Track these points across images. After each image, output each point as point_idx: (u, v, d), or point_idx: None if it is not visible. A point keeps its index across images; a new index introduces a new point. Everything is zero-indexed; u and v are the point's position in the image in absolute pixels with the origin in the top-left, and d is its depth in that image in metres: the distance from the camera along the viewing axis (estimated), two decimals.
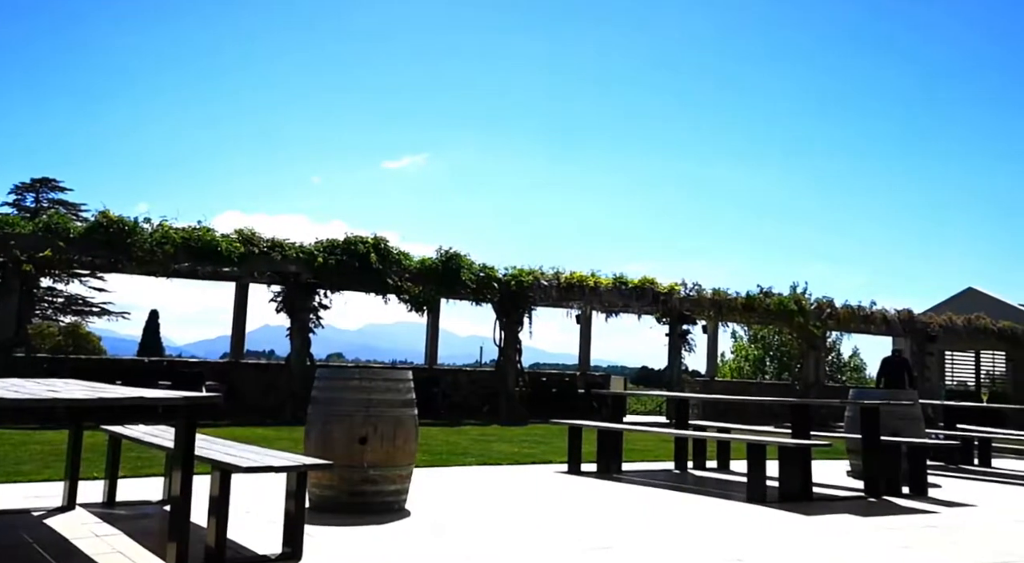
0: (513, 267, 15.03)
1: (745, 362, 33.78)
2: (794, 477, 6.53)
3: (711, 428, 9.28)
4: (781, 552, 4.59)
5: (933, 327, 20.27)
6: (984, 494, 7.52)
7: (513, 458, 8.38)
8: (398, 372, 5.38)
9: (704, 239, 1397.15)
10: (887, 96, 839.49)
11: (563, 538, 4.65)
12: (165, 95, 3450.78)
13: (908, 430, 7.80)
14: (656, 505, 6.04)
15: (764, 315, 18.24)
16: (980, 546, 5.06)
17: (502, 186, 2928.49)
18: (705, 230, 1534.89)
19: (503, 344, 14.98)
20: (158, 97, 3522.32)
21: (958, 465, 9.94)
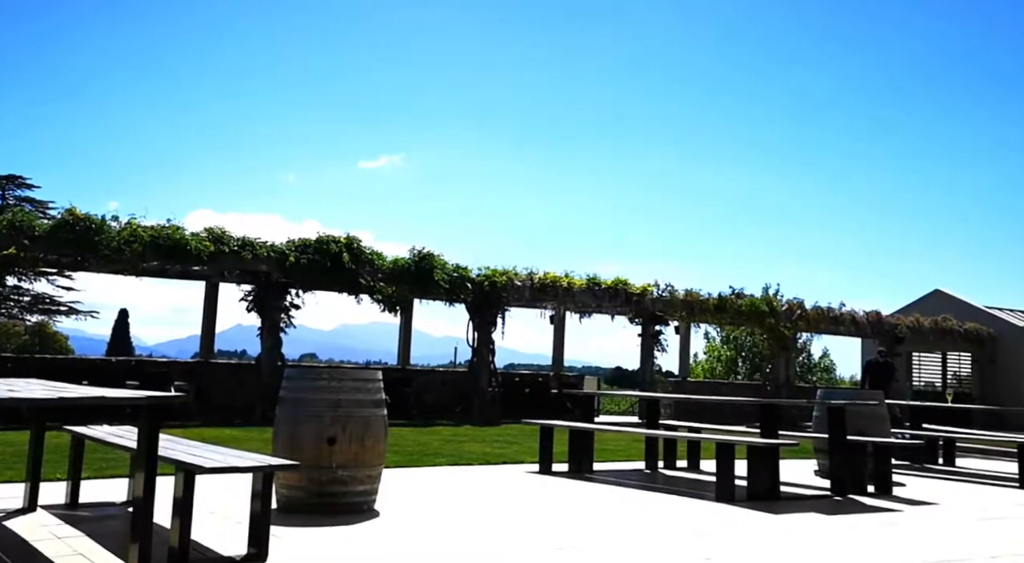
0: (487, 267, 15.03)
1: (717, 362, 34.11)
2: (762, 476, 6.60)
3: (682, 428, 9.34)
4: (748, 551, 4.63)
5: (901, 328, 20.57)
6: (947, 493, 7.65)
7: (484, 458, 8.38)
8: (367, 372, 5.36)
9: (678, 240, 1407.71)
10: (859, 99, 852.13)
11: (532, 538, 4.66)
12: (139, 92, 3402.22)
13: (874, 430, 7.90)
14: (626, 504, 6.07)
15: (736, 316, 18.40)
16: (940, 544, 5.14)
17: (478, 187, 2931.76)
18: (679, 231, 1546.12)
19: (476, 344, 14.97)
20: (131, 94, 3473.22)
21: (923, 464, 10.09)
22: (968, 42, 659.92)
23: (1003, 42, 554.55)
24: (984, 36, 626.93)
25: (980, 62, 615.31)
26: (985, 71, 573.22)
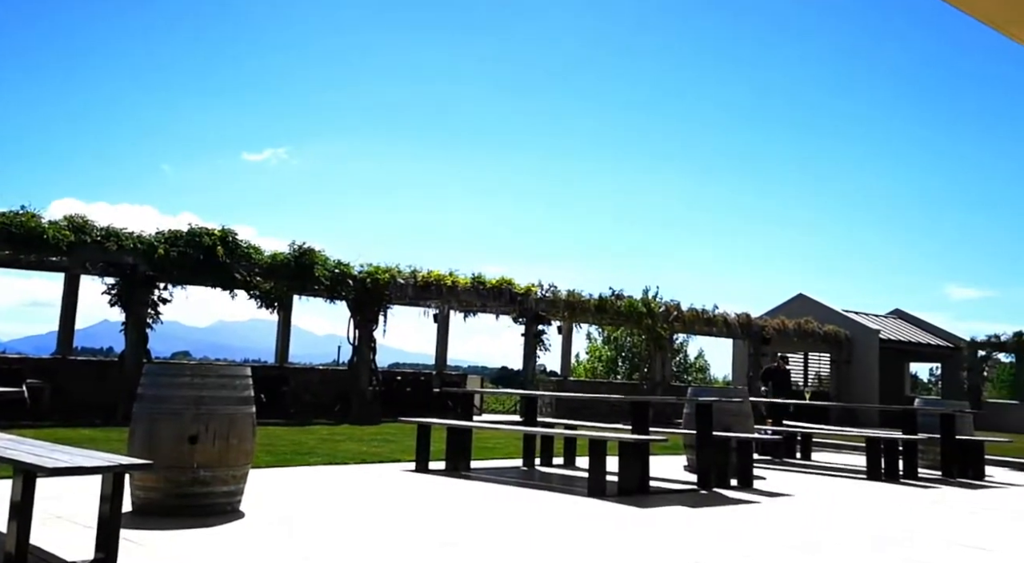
0: (369, 264, 14.80)
1: (599, 362, 34.93)
2: (632, 471, 6.78)
3: (559, 425, 9.49)
4: (613, 542, 4.75)
5: (768, 330, 21.68)
6: (802, 485, 8.11)
7: (361, 457, 8.24)
8: (234, 369, 5.16)
9: (562, 242, 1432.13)
10: (732, 106, 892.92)
11: (407, 536, 4.61)
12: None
13: (738, 426, 8.27)
14: (501, 501, 6.11)
15: (615, 316, 18.88)
16: (791, 532, 5.44)
17: (364, 183, 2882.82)
18: (563, 233, 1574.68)
19: (357, 343, 14.72)
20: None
21: (783, 458, 10.66)
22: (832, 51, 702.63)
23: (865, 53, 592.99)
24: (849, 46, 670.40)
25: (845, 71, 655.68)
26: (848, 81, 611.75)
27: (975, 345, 24.05)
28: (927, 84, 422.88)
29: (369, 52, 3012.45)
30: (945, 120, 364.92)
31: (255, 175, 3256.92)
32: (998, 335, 23.67)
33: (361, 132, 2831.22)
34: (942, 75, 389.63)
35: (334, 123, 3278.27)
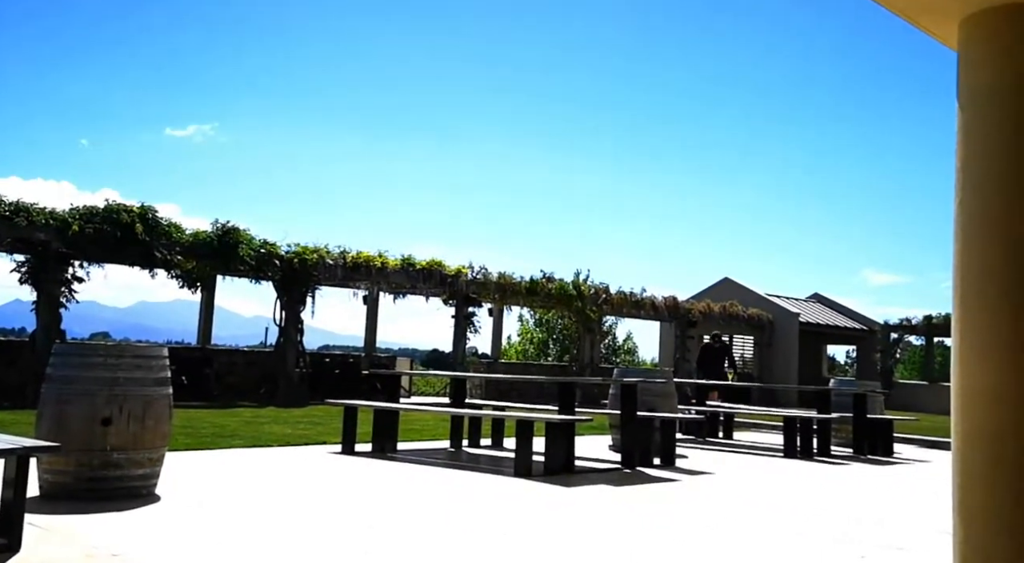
0: (296, 244, 14.52)
1: (530, 344, 35.19)
2: (558, 451, 6.87)
3: (487, 407, 9.53)
4: (537, 521, 4.80)
5: (694, 313, 22.17)
6: (722, 463, 8.35)
7: (286, 440, 8.12)
8: (150, 349, 5.01)
9: (493, 225, 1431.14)
10: (661, 92, 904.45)
11: (326, 518, 4.56)
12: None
13: (662, 406, 8.46)
14: (426, 482, 6.10)
15: (546, 299, 19.01)
16: (707, 508, 5.60)
17: (293, 162, 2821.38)
18: (494, 216, 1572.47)
19: (284, 324, 14.45)
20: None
21: (705, 438, 10.96)
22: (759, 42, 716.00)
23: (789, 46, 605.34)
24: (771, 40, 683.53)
25: (773, 60, 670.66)
26: (775, 69, 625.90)
27: (888, 328, 25.09)
28: (848, 75, 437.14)
29: (301, 26, 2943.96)
30: (866, 112, 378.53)
31: (179, 151, 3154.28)
32: (909, 319, 24.74)
33: (293, 109, 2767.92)
34: (861, 67, 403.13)
35: (264, 99, 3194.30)
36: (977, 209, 2.68)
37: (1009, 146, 2.64)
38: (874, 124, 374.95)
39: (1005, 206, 2.64)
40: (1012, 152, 2.63)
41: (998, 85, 2.66)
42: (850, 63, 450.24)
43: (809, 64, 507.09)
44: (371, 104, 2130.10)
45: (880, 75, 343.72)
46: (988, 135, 2.66)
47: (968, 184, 2.70)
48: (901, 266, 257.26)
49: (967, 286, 2.70)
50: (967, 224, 2.70)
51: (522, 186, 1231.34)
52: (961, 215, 2.72)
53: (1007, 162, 2.64)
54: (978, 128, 2.68)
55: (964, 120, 2.71)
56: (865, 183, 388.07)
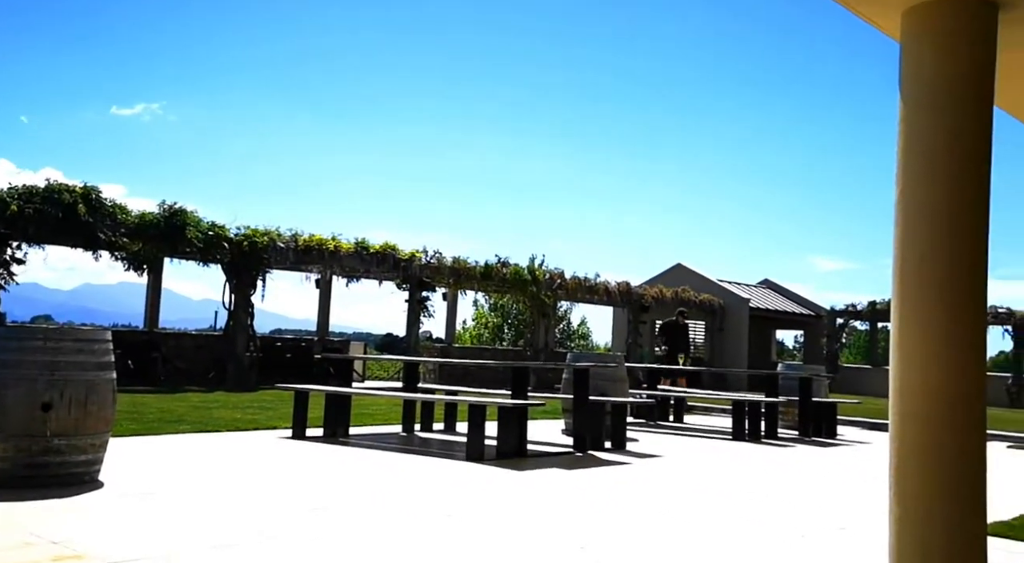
0: (247, 227, 14.26)
1: (485, 329, 35.21)
2: (510, 435, 6.90)
3: (440, 391, 9.53)
4: (487, 504, 4.82)
5: (646, 299, 22.40)
6: (672, 446, 8.48)
7: (235, 425, 8.00)
8: (92, 332, 4.88)
9: (448, 209, 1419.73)
10: (613, 79, 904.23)
11: (275, 502, 4.52)
12: None
13: (613, 391, 8.55)
14: (377, 466, 6.08)
15: (501, 284, 19.02)
16: (656, 490, 5.69)
17: (244, 142, 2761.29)
18: (449, 200, 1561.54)
19: (233, 307, 14.21)
20: None
21: (656, 421, 11.11)
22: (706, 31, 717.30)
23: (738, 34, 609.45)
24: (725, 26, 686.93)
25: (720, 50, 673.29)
26: (720, 59, 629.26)
27: (834, 314, 25.69)
28: (797, 63, 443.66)
29: (252, 2, 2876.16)
30: (815, 101, 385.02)
31: (126, 130, 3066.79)
32: (855, 305, 25.36)
33: (245, 89, 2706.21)
34: (808, 55, 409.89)
35: (215, 78, 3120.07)
36: (916, 198, 2.74)
37: (947, 138, 2.70)
38: (824, 113, 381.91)
39: (943, 196, 2.71)
40: (950, 144, 2.70)
41: (939, 77, 2.72)
42: (798, 51, 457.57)
43: (759, 51, 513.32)
44: (324, 86, 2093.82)
45: (827, 63, 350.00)
46: (928, 126, 2.72)
47: (908, 174, 2.76)
48: (849, 253, 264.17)
49: (906, 273, 2.77)
50: (906, 213, 2.77)
51: (477, 171, 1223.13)
52: (901, 204, 2.78)
53: (945, 153, 2.70)
54: (918, 119, 2.74)
55: (905, 111, 2.77)
56: (814, 171, 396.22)
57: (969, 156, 2.69)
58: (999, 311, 22.48)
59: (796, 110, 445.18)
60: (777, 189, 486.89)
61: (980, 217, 2.71)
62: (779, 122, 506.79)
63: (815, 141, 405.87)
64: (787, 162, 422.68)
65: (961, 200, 2.69)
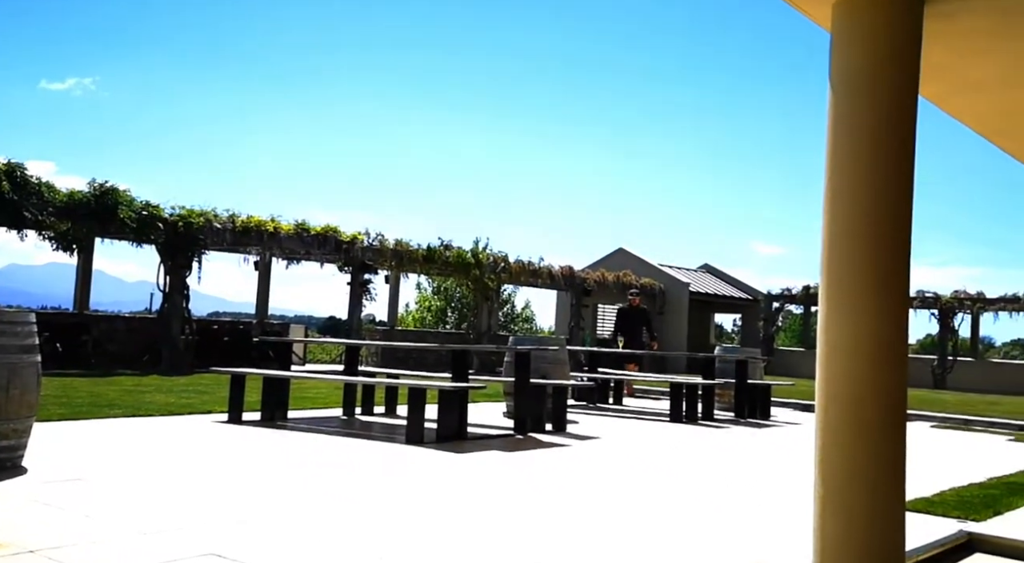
0: (182, 207, 13.89)
1: (428, 312, 35.09)
2: (451, 418, 6.90)
3: (380, 374, 9.47)
4: (426, 486, 4.82)
5: (589, 282, 22.61)
6: (611, 428, 8.60)
7: (168, 409, 7.82)
8: (15, 314, 4.70)
9: (390, 191, 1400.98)
10: (556, 60, 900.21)
11: (204, 487, 4.43)
12: None
13: (555, 373, 8.62)
14: (315, 450, 6.02)
15: (444, 267, 18.96)
16: (593, 471, 5.77)
17: (182, 120, 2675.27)
18: (391, 182, 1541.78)
19: (168, 289, 13.85)
20: None
21: (596, 403, 11.25)
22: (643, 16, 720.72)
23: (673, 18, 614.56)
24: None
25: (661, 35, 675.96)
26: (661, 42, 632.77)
27: (770, 298, 26.32)
28: (733, 53, 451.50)
29: None
30: (752, 89, 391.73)
31: (56, 106, 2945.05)
32: (790, 289, 26.02)
33: (183, 64, 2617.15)
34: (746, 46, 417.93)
35: (152, 52, 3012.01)
36: (842, 186, 2.81)
37: (873, 126, 2.77)
38: (763, 100, 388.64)
39: (867, 184, 2.78)
40: (875, 132, 2.77)
41: (867, 67, 2.78)
42: (736, 40, 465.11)
43: (699, 38, 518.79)
44: (263, 63, 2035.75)
45: (766, 51, 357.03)
46: (854, 115, 2.79)
47: (835, 162, 2.83)
48: (787, 238, 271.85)
49: (832, 259, 2.84)
50: (833, 200, 2.84)
51: (423, 153, 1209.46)
52: (829, 191, 2.85)
53: (870, 142, 2.77)
54: (846, 108, 2.80)
55: (834, 99, 2.83)
56: (754, 157, 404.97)
57: (893, 145, 2.77)
58: (926, 296, 23.34)
59: (735, 97, 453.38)
60: (719, 175, 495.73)
61: (903, 205, 2.79)
62: (719, 109, 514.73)
63: (755, 128, 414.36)
64: (728, 149, 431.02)
65: (885, 188, 2.77)
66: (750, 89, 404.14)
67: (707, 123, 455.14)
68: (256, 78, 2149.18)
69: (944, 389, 21.30)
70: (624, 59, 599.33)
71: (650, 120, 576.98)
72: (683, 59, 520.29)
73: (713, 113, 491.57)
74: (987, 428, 11.00)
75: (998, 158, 5.42)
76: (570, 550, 3.55)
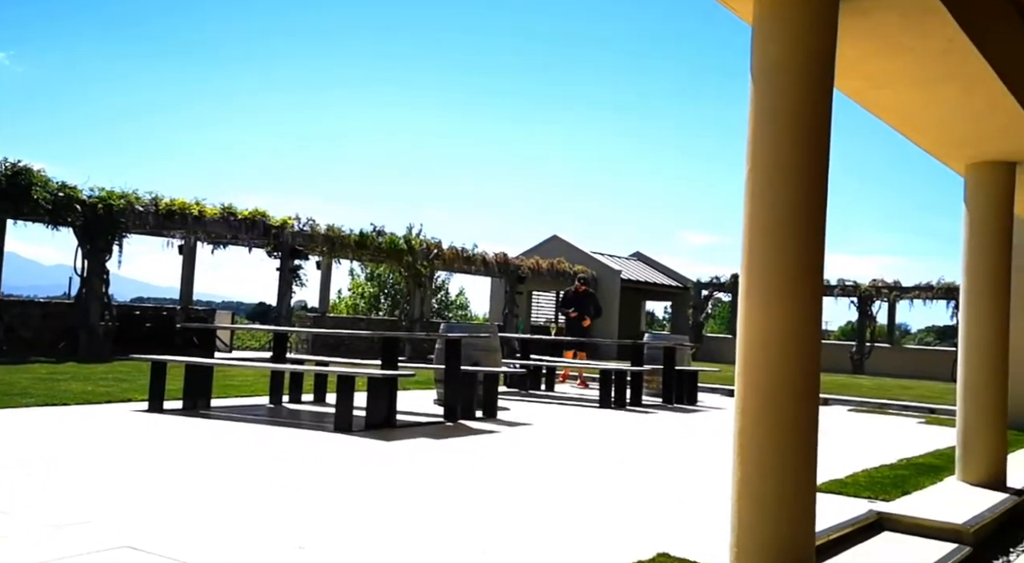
0: (102, 189, 13.36)
1: (361, 299, 34.69)
2: (380, 406, 6.85)
3: (309, 362, 9.32)
4: (348, 474, 4.77)
5: (523, 270, 22.70)
6: (542, 414, 8.67)
7: (85, 398, 7.55)
8: None
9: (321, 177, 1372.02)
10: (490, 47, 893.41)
11: (124, 477, 4.29)
12: None
13: (486, 360, 8.63)
14: (239, 439, 5.89)
15: (376, 253, 18.76)
16: (520, 457, 5.81)
17: (101, 96, 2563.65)
18: (322, 168, 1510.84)
19: (87, 274, 13.34)
20: None
21: (528, 390, 11.32)
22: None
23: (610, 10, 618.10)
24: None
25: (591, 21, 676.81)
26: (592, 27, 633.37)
27: (700, 286, 26.89)
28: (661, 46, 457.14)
29: None
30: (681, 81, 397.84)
31: None
32: (719, 277, 26.61)
33: (103, 38, 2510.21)
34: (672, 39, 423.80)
35: (70, 26, 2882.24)
36: (762, 177, 2.87)
37: (791, 118, 2.84)
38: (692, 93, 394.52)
39: (785, 175, 2.85)
40: (793, 124, 2.84)
41: (784, 60, 2.85)
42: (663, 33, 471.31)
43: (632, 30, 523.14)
44: (192, 37, 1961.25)
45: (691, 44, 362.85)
46: (774, 107, 2.85)
47: (757, 151, 2.89)
48: (717, 227, 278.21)
49: (752, 249, 2.91)
50: (753, 191, 2.90)
51: (356, 139, 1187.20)
52: (749, 182, 2.91)
53: (788, 133, 2.84)
54: (766, 100, 2.86)
55: (755, 92, 2.89)
56: (684, 149, 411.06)
57: (810, 137, 2.84)
58: (847, 284, 24.18)
59: (664, 90, 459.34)
60: (651, 166, 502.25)
61: (819, 196, 2.87)
62: (649, 101, 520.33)
63: (684, 121, 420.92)
64: (659, 141, 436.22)
65: (800, 179, 2.84)
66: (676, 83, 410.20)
67: (640, 115, 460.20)
68: (184, 55, 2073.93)
69: (862, 374, 22.14)
70: (559, 51, 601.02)
71: (585, 110, 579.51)
72: (618, 51, 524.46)
73: (644, 107, 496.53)
74: (900, 411, 11.49)
75: (913, 151, 5.62)
76: (482, 536, 3.57)
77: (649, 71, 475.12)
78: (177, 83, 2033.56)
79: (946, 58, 3.51)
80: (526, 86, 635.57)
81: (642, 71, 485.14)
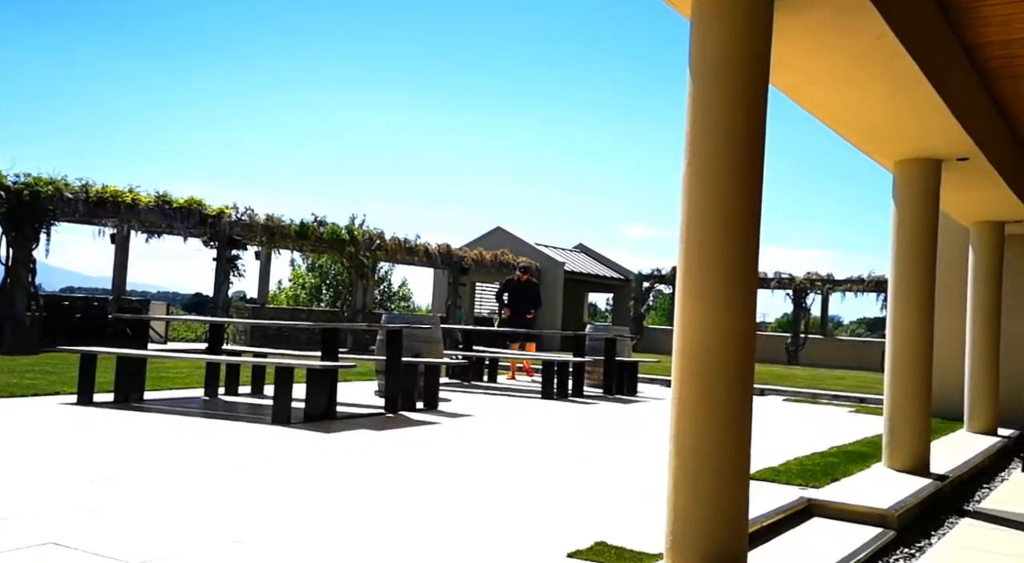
0: (27, 175, 12.86)
1: (302, 289, 34.18)
2: (319, 398, 6.76)
3: (246, 353, 9.15)
4: (285, 467, 4.70)
5: (467, 261, 22.65)
6: (483, 405, 8.68)
7: (10, 390, 7.27)
8: None
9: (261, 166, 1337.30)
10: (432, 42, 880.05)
11: (52, 473, 4.15)
12: None
13: (428, 352, 8.59)
14: (172, 433, 5.75)
15: (317, 243, 18.49)
16: (459, 448, 5.81)
17: (34, 82, 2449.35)
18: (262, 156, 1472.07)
19: (12, 263, 12.83)
20: None
21: (471, 381, 11.32)
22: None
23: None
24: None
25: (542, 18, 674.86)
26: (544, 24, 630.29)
27: (641, 278, 27.23)
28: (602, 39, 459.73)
29: None
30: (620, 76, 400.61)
31: None
32: (660, 269, 26.99)
33: (30, 20, 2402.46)
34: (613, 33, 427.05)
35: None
36: (699, 170, 2.91)
37: (727, 112, 2.88)
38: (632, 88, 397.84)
39: (722, 169, 2.89)
40: (730, 118, 2.88)
41: (721, 56, 2.88)
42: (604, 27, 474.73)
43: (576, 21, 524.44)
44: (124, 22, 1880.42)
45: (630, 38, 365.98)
46: (711, 102, 2.89)
47: (694, 146, 2.92)
48: (658, 220, 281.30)
49: (689, 242, 2.95)
50: (690, 184, 2.94)
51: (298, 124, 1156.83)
52: (687, 175, 2.94)
53: (726, 127, 2.88)
54: (703, 95, 2.90)
55: (693, 87, 2.92)
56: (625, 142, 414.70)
57: (747, 131, 2.89)
58: (783, 277, 24.77)
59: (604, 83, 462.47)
60: (594, 159, 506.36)
61: (755, 191, 2.92)
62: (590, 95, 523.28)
63: (625, 114, 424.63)
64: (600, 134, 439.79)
65: (737, 173, 2.89)
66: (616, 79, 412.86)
67: (580, 111, 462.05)
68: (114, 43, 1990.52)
69: (797, 365, 22.74)
70: (504, 41, 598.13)
71: (528, 102, 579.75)
72: (558, 43, 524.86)
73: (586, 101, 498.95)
74: (832, 401, 11.84)
75: (845, 147, 5.77)
76: (421, 527, 3.56)
77: (589, 62, 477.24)
78: (111, 62, 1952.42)
79: (875, 56, 3.61)
80: (471, 78, 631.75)
81: (582, 62, 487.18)
